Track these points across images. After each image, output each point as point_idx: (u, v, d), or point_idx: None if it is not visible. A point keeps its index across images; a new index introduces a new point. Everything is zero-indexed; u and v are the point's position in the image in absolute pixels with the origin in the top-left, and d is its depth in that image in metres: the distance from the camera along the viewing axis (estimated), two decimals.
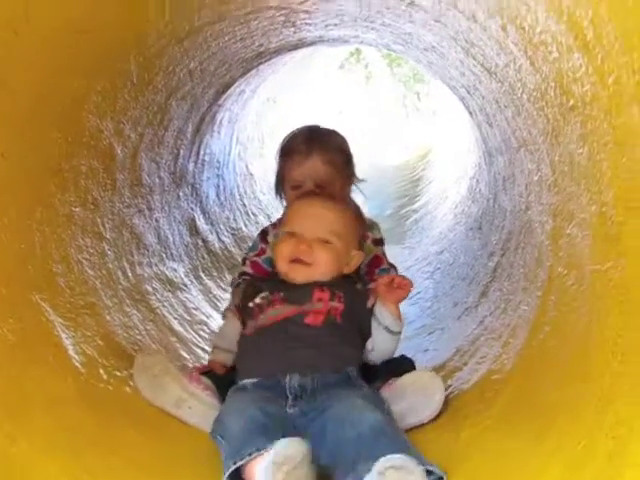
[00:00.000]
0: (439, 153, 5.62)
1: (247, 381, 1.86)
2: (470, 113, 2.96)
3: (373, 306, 2.00)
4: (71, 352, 1.97)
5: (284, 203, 2.46)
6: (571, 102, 1.34)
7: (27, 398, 1.72)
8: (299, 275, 2.00)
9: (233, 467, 1.50)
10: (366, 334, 2.00)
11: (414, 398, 1.86)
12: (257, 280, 2.23)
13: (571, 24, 1.14)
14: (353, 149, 2.50)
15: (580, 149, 1.44)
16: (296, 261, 2.00)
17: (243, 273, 2.38)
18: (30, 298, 1.90)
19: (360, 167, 2.54)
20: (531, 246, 2.12)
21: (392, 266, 2.37)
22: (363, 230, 2.27)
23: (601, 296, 1.39)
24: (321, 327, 1.92)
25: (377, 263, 2.35)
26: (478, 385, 2.06)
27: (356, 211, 2.26)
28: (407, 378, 1.93)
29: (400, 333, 2.03)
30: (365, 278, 2.29)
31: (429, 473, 1.42)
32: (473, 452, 1.63)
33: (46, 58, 1.69)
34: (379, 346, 2.00)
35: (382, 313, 1.98)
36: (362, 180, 2.52)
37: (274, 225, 2.50)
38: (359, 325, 1.99)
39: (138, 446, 1.78)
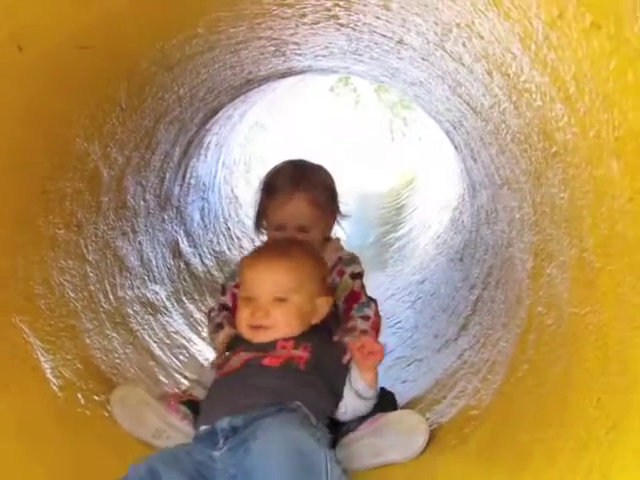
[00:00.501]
0: (424, 180, 5.66)
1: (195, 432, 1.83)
2: (455, 147, 2.99)
3: (349, 362, 1.94)
4: (49, 375, 1.96)
5: (262, 237, 2.46)
6: (554, 148, 1.37)
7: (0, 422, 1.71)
8: (262, 338, 1.95)
9: None
10: (339, 391, 1.92)
11: (397, 437, 1.85)
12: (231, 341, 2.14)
13: (554, 77, 1.16)
14: (339, 174, 2.50)
15: (562, 193, 1.47)
16: (255, 327, 1.95)
17: (223, 306, 2.35)
18: (10, 320, 1.89)
19: (345, 193, 2.55)
20: (512, 282, 2.14)
21: (371, 299, 2.34)
22: (327, 271, 2.17)
23: (579, 339, 1.41)
24: (277, 368, 1.86)
25: (355, 298, 2.31)
26: (455, 420, 2.06)
27: (314, 254, 2.13)
28: (394, 416, 1.92)
29: (373, 399, 1.96)
30: (343, 316, 2.28)
31: None
32: None
33: (43, 74, 1.70)
34: (349, 408, 1.93)
35: (355, 377, 1.92)
36: (346, 216, 2.51)
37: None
38: (329, 379, 1.91)
39: (115, 472, 1.77)
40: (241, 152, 4.27)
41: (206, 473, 1.61)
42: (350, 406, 1.94)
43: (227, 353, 2.01)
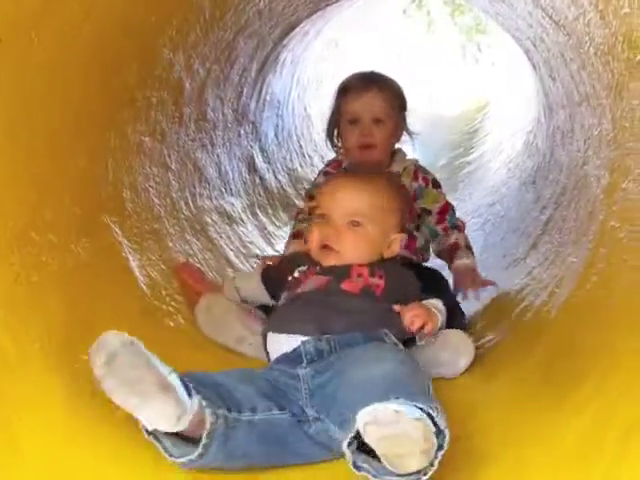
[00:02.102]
0: (497, 105, 5.57)
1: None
2: (533, 66, 2.95)
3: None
4: (137, 273, 2.10)
5: (335, 144, 2.53)
6: (638, 57, 1.37)
7: (95, 311, 1.85)
8: (330, 261, 1.86)
9: None
10: None
11: (447, 354, 1.91)
12: (297, 255, 2.15)
13: None
14: (410, 95, 2.55)
15: None
16: (325, 247, 1.86)
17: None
18: (102, 219, 2.02)
19: (416, 114, 2.58)
20: (585, 200, 2.14)
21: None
22: (410, 209, 2.11)
23: None
24: (357, 294, 1.79)
25: (445, 209, 2.48)
26: (519, 334, 2.13)
27: (400, 188, 2.10)
28: (446, 334, 1.94)
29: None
30: (434, 225, 2.42)
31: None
32: (507, 399, 1.71)
33: None
34: None
35: None
36: (415, 134, 2.57)
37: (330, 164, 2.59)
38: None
39: (192, 360, 1.91)
40: (314, 70, 4.29)
41: (282, 387, 1.54)
42: None
43: (297, 273, 1.92)
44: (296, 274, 1.91)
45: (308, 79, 4.18)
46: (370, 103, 2.33)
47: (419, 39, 8.47)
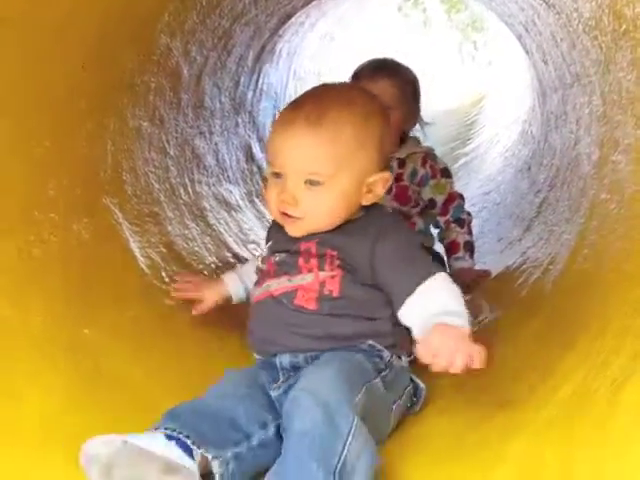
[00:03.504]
0: (493, 100, 5.62)
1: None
2: (527, 52, 2.99)
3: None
4: (137, 254, 2.13)
5: None
6: (623, 27, 1.41)
7: (98, 290, 1.88)
8: (295, 231, 1.53)
9: None
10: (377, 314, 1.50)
11: None
12: (271, 227, 1.75)
13: None
14: None
15: (629, 75, 1.51)
16: (285, 214, 1.52)
17: None
18: (102, 201, 2.05)
19: None
20: (577, 178, 2.18)
21: (461, 196, 2.51)
22: (388, 131, 1.56)
23: (637, 215, 1.47)
24: (315, 311, 1.48)
25: (452, 199, 2.47)
26: (515, 309, 2.17)
27: (371, 106, 1.53)
28: None
29: None
30: (440, 220, 2.44)
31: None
32: (506, 363, 1.74)
33: None
34: None
35: None
36: (428, 123, 2.58)
37: None
38: (366, 308, 1.49)
39: (192, 337, 1.95)
40: (311, 63, 4.33)
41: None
42: None
43: (260, 261, 1.65)
44: (259, 262, 1.64)
45: (305, 72, 4.22)
46: (380, 89, 2.30)
47: (415, 37, 8.51)
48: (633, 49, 1.40)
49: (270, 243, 1.66)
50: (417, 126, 2.57)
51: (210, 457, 1.25)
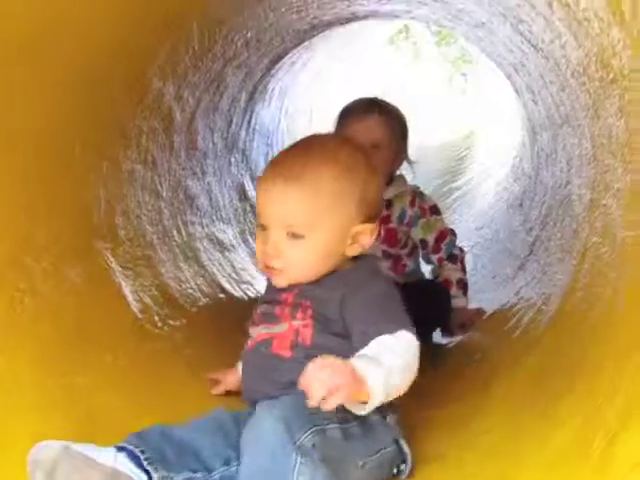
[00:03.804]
0: (483, 133, 5.67)
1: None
2: (516, 91, 3.02)
3: None
4: (130, 299, 2.12)
5: None
6: (611, 75, 1.42)
7: (90, 337, 1.87)
8: (279, 282, 1.53)
9: None
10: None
11: None
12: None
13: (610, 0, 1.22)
14: None
15: (618, 122, 1.52)
16: (268, 267, 1.52)
17: None
18: (95, 245, 2.05)
19: None
20: (569, 218, 2.19)
21: (453, 232, 2.53)
22: (373, 181, 1.51)
23: (630, 260, 1.47)
24: (290, 358, 1.47)
25: (443, 236, 2.49)
26: (509, 349, 2.16)
27: (353, 159, 1.50)
28: None
29: None
30: (432, 254, 2.44)
31: None
32: (502, 404, 1.74)
33: (124, 10, 1.81)
34: None
35: None
36: (413, 161, 2.59)
37: None
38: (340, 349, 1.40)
39: (186, 382, 1.93)
40: (302, 101, 4.36)
41: None
42: None
43: (254, 312, 1.64)
44: (253, 313, 1.63)
45: (296, 110, 4.25)
46: (369, 128, 2.32)
47: (405, 69, 8.61)
48: (621, 97, 1.42)
49: (263, 293, 1.69)
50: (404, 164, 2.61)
51: (159, 476, 1.27)
